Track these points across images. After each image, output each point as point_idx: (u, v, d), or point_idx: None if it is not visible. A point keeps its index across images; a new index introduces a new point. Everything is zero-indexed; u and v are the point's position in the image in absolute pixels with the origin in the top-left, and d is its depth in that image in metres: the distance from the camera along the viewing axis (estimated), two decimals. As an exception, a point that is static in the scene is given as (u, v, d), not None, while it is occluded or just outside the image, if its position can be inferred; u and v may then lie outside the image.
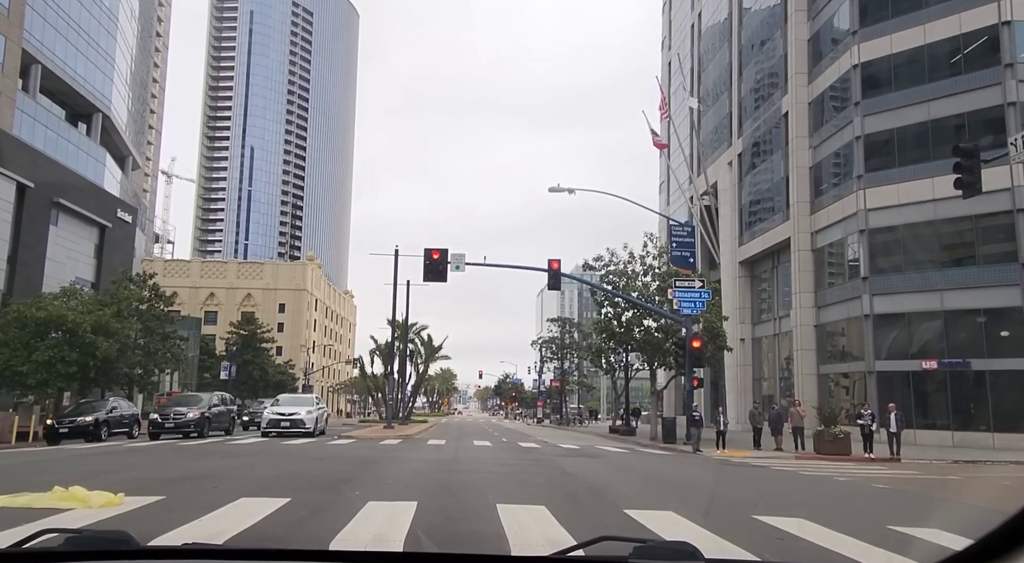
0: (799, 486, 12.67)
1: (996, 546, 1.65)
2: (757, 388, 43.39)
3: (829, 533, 6.56)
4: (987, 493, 12.89)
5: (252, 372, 53.62)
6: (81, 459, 15.11)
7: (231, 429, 28.20)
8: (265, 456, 16.27)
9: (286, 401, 28.30)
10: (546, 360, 73.19)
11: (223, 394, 29.96)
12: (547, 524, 6.64)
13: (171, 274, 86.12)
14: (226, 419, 27.60)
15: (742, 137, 45.71)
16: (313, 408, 27.50)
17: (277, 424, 25.73)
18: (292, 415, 26.09)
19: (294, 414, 26.16)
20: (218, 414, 26.67)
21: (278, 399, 29.38)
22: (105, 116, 48.59)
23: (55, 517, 6.51)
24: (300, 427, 25.76)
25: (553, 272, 25.44)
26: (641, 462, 17.50)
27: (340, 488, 9.54)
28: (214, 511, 6.90)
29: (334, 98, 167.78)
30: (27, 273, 35.68)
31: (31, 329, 26.89)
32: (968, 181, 14.69)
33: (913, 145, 31.58)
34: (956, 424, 28.82)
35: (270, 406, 27.60)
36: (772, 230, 40.38)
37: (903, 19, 32.09)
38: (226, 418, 27.64)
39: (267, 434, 25.30)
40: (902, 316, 31.43)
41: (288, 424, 25.72)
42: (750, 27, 45.77)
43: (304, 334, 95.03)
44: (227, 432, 27.42)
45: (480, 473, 12.51)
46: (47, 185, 37.62)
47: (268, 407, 27.75)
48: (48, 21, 41.80)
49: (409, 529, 6.11)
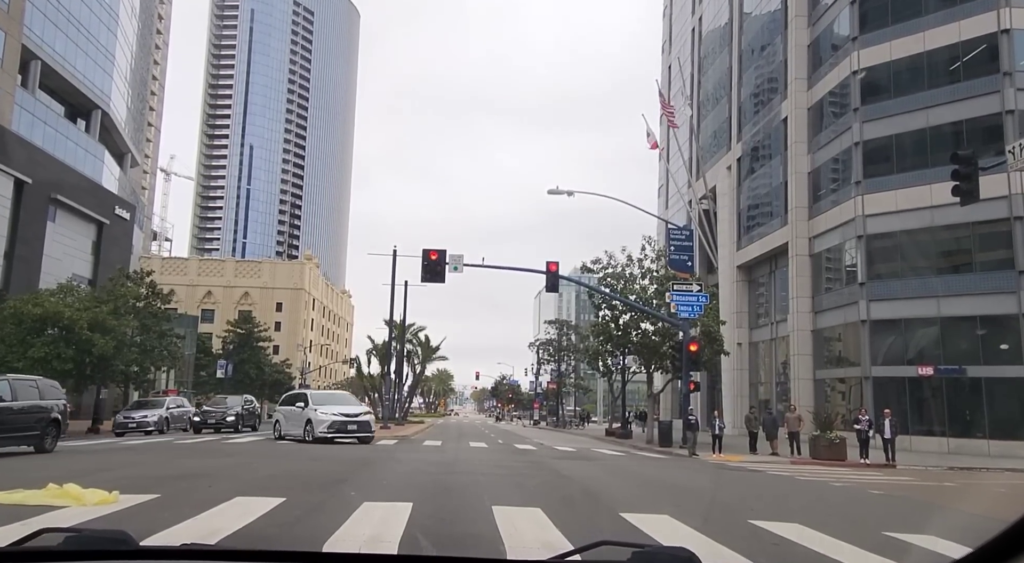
0: (795, 491, 12.67)
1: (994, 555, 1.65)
2: (754, 392, 43.41)
3: (825, 539, 6.56)
4: (983, 500, 12.91)
5: (248, 371, 53.52)
6: (76, 457, 15.07)
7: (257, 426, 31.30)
8: (261, 455, 16.24)
9: (327, 399, 23.13)
10: (543, 362, 73.22)
11: (249, 397, 33.49)
12: (542, 527, 6.63)
13: (169, 272, 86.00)
14: (252, 418, 31.12)
15: (741, 141, 45.78)
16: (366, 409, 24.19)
17: (343, 427, 20.94)
18: (359, 417, 21.74)
19: (360, 416, 21.89)
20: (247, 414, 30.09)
21: (307, 395, 23.52)
22: (104, 113, 48.50)
23: (49, 515, 6.49)
24: (366, 431, 21.62)
25: (551, 274, 25.43)
26: (637, 465, 17.49)
27: (335, 488, 9.52)
28: (209, 510, 6.89)
29: (334, 97, 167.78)
30: (24, 269, 35.59)
31: (27, 325, 26.81)
32: (966, 188, 14.72)
33: (911, 152, 31.65)
34: (952, 431, 28.86)
35: (311, 405, 21.75)
36: (770, 235, 40.43)
37: (903, 26, 32.16)
38: (252, 417, 31.14)
39: (327, 440, 20.71)
40: (899, 322, 31.48)
41: (355, 427, 21.24)
42: (750, 32, 45.86)
43: (301, 333, 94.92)
44: (253, 428, 30.55)
45: (476, 475, 12.49)
46: (45, 181, 37.55)
47: (312, 407, 21.65)
48: (48, 17, 41.71)
49: (404, 530, 6.10)
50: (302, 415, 21.56)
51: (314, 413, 21.16)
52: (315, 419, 20.90)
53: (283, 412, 23.31)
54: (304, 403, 22.10)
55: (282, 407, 23.78)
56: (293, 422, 22.04)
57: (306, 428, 21.04)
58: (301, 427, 21.35)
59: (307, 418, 21.17)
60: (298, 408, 22.17)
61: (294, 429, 21.77)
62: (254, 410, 31.67)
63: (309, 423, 20.99)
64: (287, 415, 22.80)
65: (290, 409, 22.80)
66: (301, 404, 22.21)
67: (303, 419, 21.36)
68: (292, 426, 21.99)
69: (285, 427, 22.56)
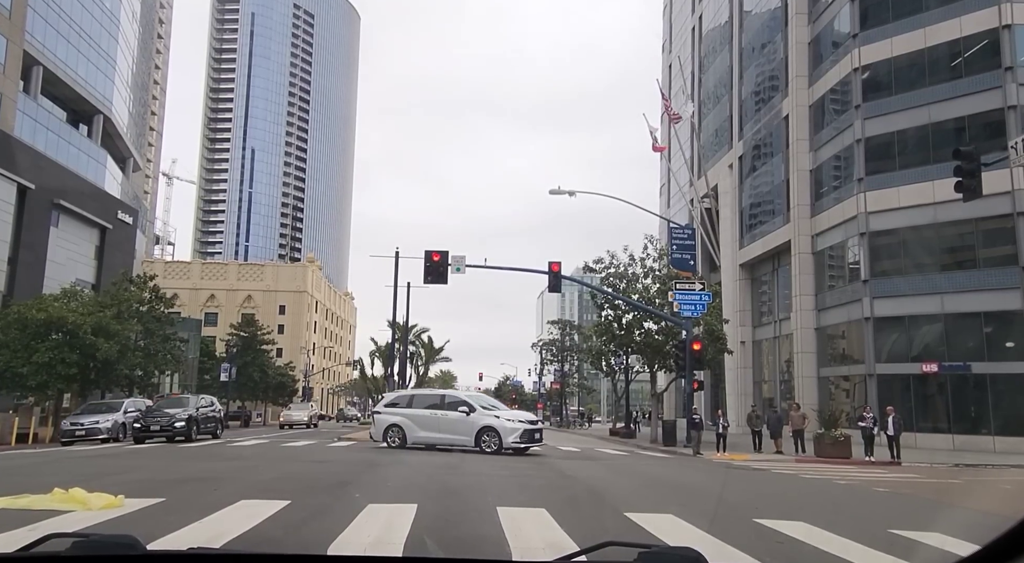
0: (800, 489, 12.65)
1: (1001, 552, 1.65)
2: (757, 391, 43.36)
3: (831, 537, 6.54)
4: (989, 497, 12.87)
5: (252, 374, 53.58)
6: (81, 461, 15.10)
7: (218, 432, 27.02)
8: (265, 458, 16.26)
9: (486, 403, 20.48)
10: (546, 362, 73.19)
11: (208, 398, 28.34)
12: (547, 527, 6.62)
13: (171, 276, 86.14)
14: (211, 424, 26.33)
15: (743, 140, 45.73)
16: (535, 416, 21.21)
17: (532, 437, 18.98)
18: (538, 424, 19.96)
19: (538, 423, 19.91)
20: (204, 418, 25.39)
21: (466, 399, 20.28)
22: (106, 118, 48.63)
23: (55, 519, 6.50)
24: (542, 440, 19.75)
25: (553, 274, 25.44)
26: (641, 465, 17.48)
27: (340, 490, 9.53)
28: (214, 513, 6.89)
29: (335, 100, 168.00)
30: (28, 274, 35.70)
31: (31, 330, 26.89)
32: (968, 184, 14.70)
33: (914, 148, 31.60)
34: (957, 428, 28.79)
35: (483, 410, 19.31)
36: (773, 233, 40.39)
37: (904, 23, 32.12)
38: (212, 422, 26.32)
39: (519, 450, 18.57)
40: (902, 319, 31.42)
41: (539, 436, 19.51)
42: (751, 30, 45.82)
43: (304, 336, 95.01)
44: (214, 435, 26.20)
45: (480, 475, 12.49)
46: (48, 186, 37.66)
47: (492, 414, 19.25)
48: (50, 23, 41.83)
49: (409, 532, 6.10)
50: (468, 422, 18.74)
51: (496, 421, 18.80)
52: (503, 428, 18.46)
53: (410, 416, 19.50)
54: (468, 408, 19.08)
55: (407, 410, 19.75)
56: (443, 429, 19.03)
57: (482, 437, 18.40)
58: (467, 435, 18.62)
59: (484, 426, 18.53)
60: (460, 413, 18.95)
61: (441, 435, 18.99)
62: (214, 414, 26.82)
63: (489, 432, 18.44)
64: (421, 420, 19.35)
65: (430, 414, 19.34)
66: (465, 409, 19.00)
67: (472, 427, 18.63)
68: (434, 432, 19.08)
69: (416, 433, 19.24)
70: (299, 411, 46.73)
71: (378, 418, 20.31)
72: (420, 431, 19.29)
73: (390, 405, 20.54)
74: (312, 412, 47.57)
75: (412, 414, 19.63)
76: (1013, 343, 27.92)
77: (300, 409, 47.73)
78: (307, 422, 44.58)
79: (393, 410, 20.05)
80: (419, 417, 19.50)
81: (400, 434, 19.45)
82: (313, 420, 46.38)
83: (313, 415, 47.31)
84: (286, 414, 46.64)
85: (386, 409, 20.34)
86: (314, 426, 45.29)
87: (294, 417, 44.98)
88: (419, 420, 19.44)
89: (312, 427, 44.25)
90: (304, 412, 46.36)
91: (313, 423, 45.90)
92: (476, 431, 18.53)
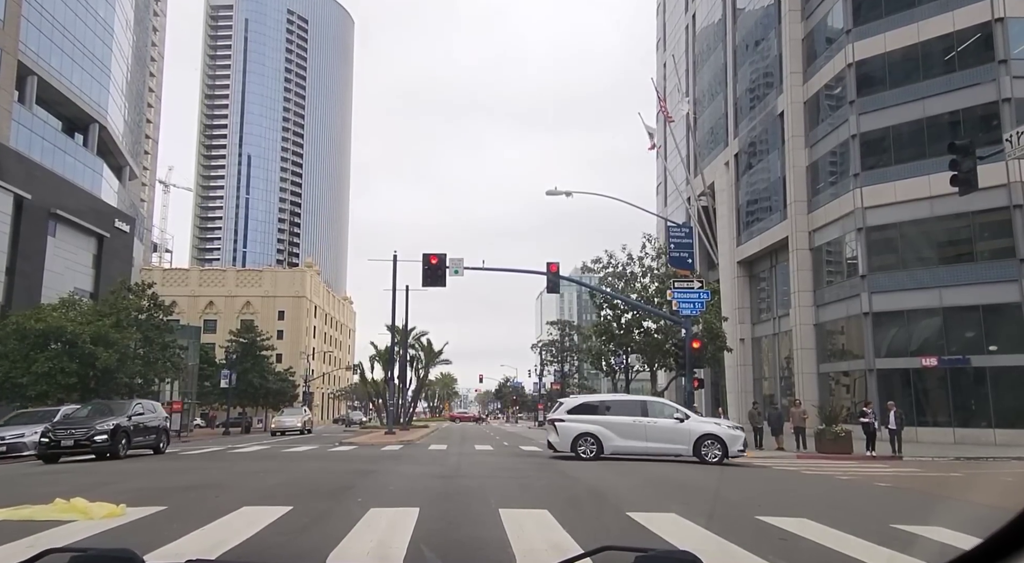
0: (801, 486, 12.66)
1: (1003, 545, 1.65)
2: (757, 388, 43.37)
3: (833, 533, 6.55)
4: (990, 490, 12.88)
5: (252, 380, 53.55)
6: (82, 471, 15.08)
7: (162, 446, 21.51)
8: (267, 464, 16.24)
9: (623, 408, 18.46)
10: (546, 363, 73.19)
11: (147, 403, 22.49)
12: (549, 528, 6.62)
13: (170, 283, 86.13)
14: (152, 435, 20.90)
15: (738, 137, 45.78)
16: None
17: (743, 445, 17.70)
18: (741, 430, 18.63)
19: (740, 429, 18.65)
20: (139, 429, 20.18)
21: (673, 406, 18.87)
22: (102, 126, 48.61)
23: (57, 530, 6.49)
24: None
25: (552, 275, 25.45)
26: (643, 465, 17.45)
27: (342, 495, 9.52)
28: (215, 520, 6.89)
29: (330, 104, 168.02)
30: (26, 284, 35.67)
31: (30, 340, 26.86)
32: (964, 178, 14.71)
33: (909, 143, 31.64)
34: (957, 421, 28.82)
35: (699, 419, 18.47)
36: (770, 230, 40.42)
37: (896, 17, 32.18)
38: (152, 433, 20.92)
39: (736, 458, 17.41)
40: (901, 314, 31.44)
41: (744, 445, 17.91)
42: (744, 27, 45.89)
43: (304, 341, 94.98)
44: (155, 449, 21.02)
45: (482, 478, 12.48)
46: (44, 196, 37.64)
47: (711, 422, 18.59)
48: (44, 32, 41.82)
49: (411, 536, 6.09)
50: (683, 430, 17.33)
51: (718, 428, 17.79)
52: (727, 436, 17.28)
53: (607, 423, 17.74)
54: (682, 415, 17.84)
55: (601, 417, 17.97)
56: (651, 437, 17.51)
57: (702, 446, 17.00)
58: (683, 444, 17.23)
59: (705, 433, 17.26)
60: (673, 420, 17.55)
61: (649, 444, 17.50)
62: (155, 423, 21.32)
63: (710, 441, 17.10)
64: (621, 428, 17.65)
65: (632, 421, 17.69)
66: (679, 415, 17.73)
67: (689, 435, 17.22)
68: (639, 441, 17.55)
69: (615, 442, 17.55)
70: (292, 417, 44.46)
71: (564, 426, 18.00)
72: (620, 440, 17.58)
73: (575, 411, 18.43)
74: (306, 417, 45.30)
75: (609, 421, 17.77)
76: (1012, 336, 27.94)
77: (293, 414, 45.45)
78: (301, 428, 42.46)
79: (582, 417, 18.05)
80: (619, 425, 17.65)
81: (595, 443, 17.50)
82: (307, 426, 44.26)
83: (307, 421, 45.07)
84: (278, 420, 44.37)
85: (571, 416, 18.19)
86: (308, 432, 43.28)
87: (286, 423, 42.75)
88: (619, 428, 17.61)
89: (306, 433, 42.37)
90: (297, 418, 44.01)
91: (307, 429, 43.84)
92: (695, 439, 17.08)
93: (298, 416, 44.41)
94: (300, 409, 49.82)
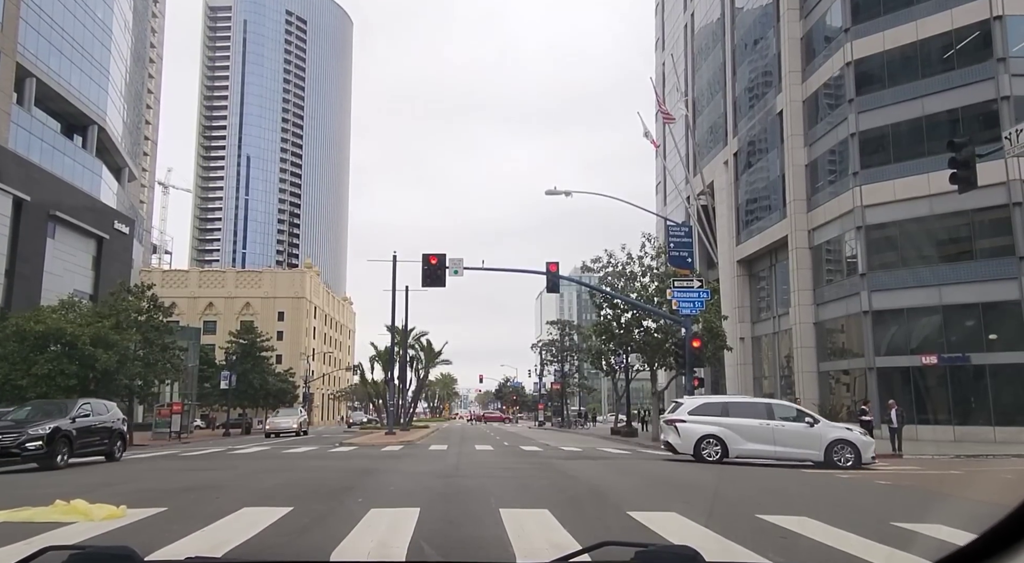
0: (801, 484, 12.66)
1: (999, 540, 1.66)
2: (758, 387, 43.38)
3: (832, 531, 6.55)
4: (989, 487, 12.89)
5: (252, 381, 53.51)
6: (82, 472, 15.07)
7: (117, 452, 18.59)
8: (267, 465, 16.24)
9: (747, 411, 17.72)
10: (546, 363, 73.19)
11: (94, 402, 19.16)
12: (550, 528, 6.63)
13: (169, 284, 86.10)
14: (101, 438, 18.07)
15: (737, 136, 45.79)
16: None
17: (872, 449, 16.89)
18: None
19: None
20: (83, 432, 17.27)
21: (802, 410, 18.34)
22: (101, 128, 48.60)
23: (57, 531, 6.49)
24: None
25: (551, 275, 25.45)
26: (643, 464, 17.47)
27: (342, 495, 9.53)
28: (216, 521, 6.89)
29: (329, 105, 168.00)
30: (25, 286, 35.65)
31: (30, 343, 26.83)
32: (963, 176, 14.72)
33: (908, 141, 31.65)
34: (957, 419, 28.84)
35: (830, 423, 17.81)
36: (769, 228, 40.44)
37: (895, 16, 32.20)
38: (102, 436, 18.11)
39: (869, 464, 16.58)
40: (901, 312, 31.46)
41: None
42: (743, 27, 45.90)
43: (304, 342, 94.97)
44: (107, 455, 18.18)
45: (482, 478, 12.49)
46: (44, 198, 37.63)
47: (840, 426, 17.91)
48: (42, 34, 41.81)
49: (412, 536, 6.10)
50: (813, 434, 16.72)
51: (850, 433, 17.03)
52: (860, 442, 16.65)
53: (732, 426, 17.15)
54: (812, 419, 17.25)
55: (725, 420, 17.34)
56: (779, 441, 16.82)
57: (833, 451, 16.39)
58: (813, 449, 16.61)
59: (836, 439, 16.62)
60: (802, 424, 16.92)
61: (776, 448, 16.76)
62: (106, 425, 18.38)
63: (843, 446, 16.49)
64: (746, 431, 17.06)
65: (759, 424, 17.07)
66: (809, 420, 17.14)
67: (820, 440, 16.61)
68: (766, 444, 16.83)
69: (740, 445, 16.95)
70: (287, 418, 42.70)
71: (686, 428, 17.53)
72: (747, 443, 17.03)
73: (696, 412, 17.86)
74: (301, 418, 43.65)
75: (734, 423, 17.26)
76: (1011, 333, 27.95)
77: (288, 415, 43.65)
78: (296, 430, 40.96)
79: (704, 418, 17.57)
80: (744, 427, 17.12)
81: (719, 446, 17.05)
82: (303, 427, 42.75)
83: (303, 421, 43.46)
84: (272, 422, 42.53)
85: (693, 417, 17.69)
86: (304, 433, 42.07)
87: (281, 425, 41.00)
88: (744, 431, 17.08)
89: (302, 434, 41.16)
90: (292, 419, 42.20)
91: (303, 430, 42.44)
92: (827, 445, 16.49)
93: (293, 417, 42.85)
94: (296, 410, 48.32)
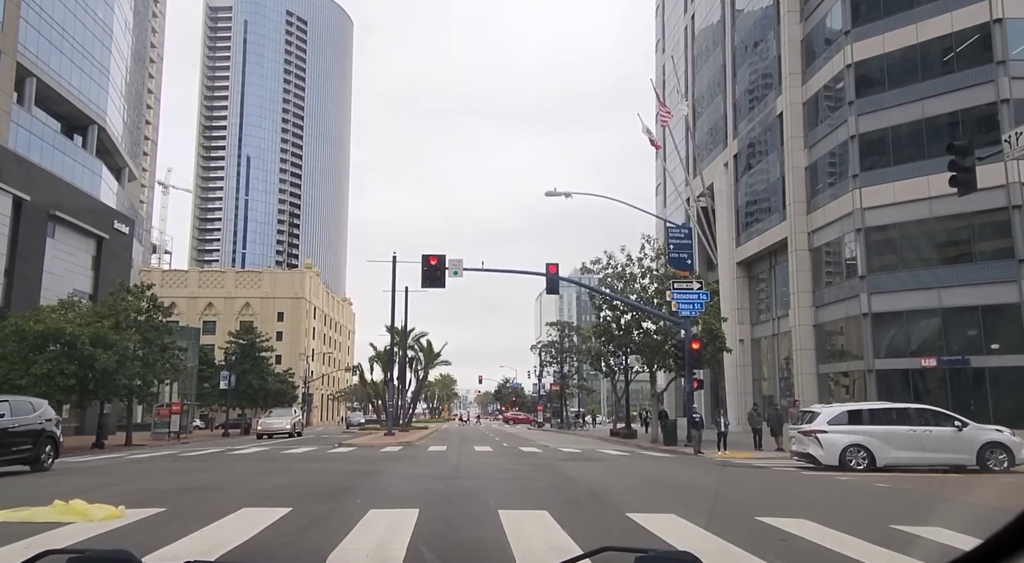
0: (801, 486, 12.66)
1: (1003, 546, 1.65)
2: (757, 389, 43.37)
3: (832, 533, 6.55)
4: (990, 491, 12.89)
5: (251, 381, 53.50)
6: (81, 473, 15.05)
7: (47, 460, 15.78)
8: (266, 465, 16.23)
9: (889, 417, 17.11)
10: (546, 364, 73.19)
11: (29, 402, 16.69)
12: (549, 529, 6.62)
13: (169, 284, 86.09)
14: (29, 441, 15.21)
15: (737, 138, 45.81)
16: None
17: None
18: None
19: None
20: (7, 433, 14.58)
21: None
22: (101, 128, 48.58)
23: (56, 531, 6.48)
24: None
25: (551, 276, 25.45)
26: (642, 465, 17.47)
27: (341, 496, 9.52)
28: (215, 522, 6.88)
29: (329, 105, 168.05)
30: (25, 286, 35.63)
31: (29, 342, 26.80)
32: (963, 179, 14.72)
33: (908, 143, 31.67)
34: (957, 421, 28.79)
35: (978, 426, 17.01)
36: (769, 230, 40.44)
37: (895, 18, 32.23)
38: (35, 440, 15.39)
39: None
40: (900, 314, 31.46)
41: None
42: (743, 29, 45.93)
43: (303, 342, 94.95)
44: (34, 462, 15.30)
45: (482, 479, 12.48)
46: (43, 198, 37.61)
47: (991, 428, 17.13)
48: (42, 34, 41.81)
49: (411, 537, 6.09)
50: (963, 438, 16.26)
51: (1001, 435, 16.44)
52: (1012, 443, 16.17)
53: (877, 434, 16.52)
54: (961, 423, 16.59)
55: (868, 428, 16.70)
56: (927, 446, 16.33)
57: (985, 454, 16.00)
58: (965, 453, 16.15)
59: (989, 442, 16.21)
60: (951, 429, 16.43)
61: (926, 454, 16.29)
62: (32, 427, 15.46)
63: (995, 449, 16.10)
64: (893, 438, 16.46)
65: (906, 430, 16.54)
66: (958, 423, 16.57)
67: (971, 443, 16.18)
68: (916, 451, 16.34)
69: (888, 453, 16.34)
70: (280, 418, 40.81)
71: (828, 438, 16.68)
72: (895, 451, 16.42)
73: (836, 422, 17.09)
74: (295, 418, 42.35)
75: (878, 431, 16.67)
76: (1011, 336, 27.95)
77: (281, 416, 41.73)
78: (290, 430, 39.51)
79: (846, 428, 16.83)
80: (891, 434, 16.52)
81: (866, 455, 16.42)
82: (297, 428, 41.56)
83: (297, 422, 42.20)
84: (264, 422, 40.32)
85: (834, 427, 16.90)
86: (298, 434, 40.98)
87: (274, 426, 39.13)
88: (891, 438, 16.46)
89: (296, 435, 40.01)
90: (286, 419, 40.50)
91: (297, 431, 41.21)
92: (979, 447, 16.10)
93: (287, 417, 41.20)
94: (289, 410, 46.88)
